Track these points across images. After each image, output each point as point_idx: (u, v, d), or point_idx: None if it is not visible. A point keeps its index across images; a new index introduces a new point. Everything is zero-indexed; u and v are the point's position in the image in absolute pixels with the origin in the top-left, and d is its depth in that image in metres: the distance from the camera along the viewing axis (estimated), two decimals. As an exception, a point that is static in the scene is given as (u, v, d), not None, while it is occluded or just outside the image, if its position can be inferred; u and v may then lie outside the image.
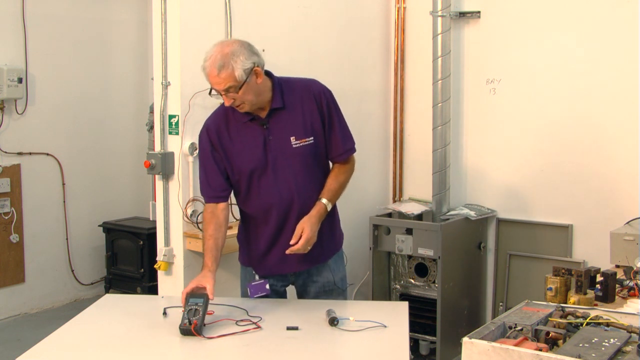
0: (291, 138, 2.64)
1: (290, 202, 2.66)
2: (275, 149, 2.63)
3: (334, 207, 2.82)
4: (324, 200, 2.66)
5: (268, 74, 2.66)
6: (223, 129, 2.69)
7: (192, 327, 2.29)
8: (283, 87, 2.66)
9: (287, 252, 2.59)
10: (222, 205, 2.74)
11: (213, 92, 2.61)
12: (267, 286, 2.72)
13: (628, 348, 1.84)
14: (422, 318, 4.20)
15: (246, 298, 2.80)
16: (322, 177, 2.72)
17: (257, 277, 2.78)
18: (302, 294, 2.85)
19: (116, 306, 2.76)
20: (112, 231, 5.34)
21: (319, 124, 2.67)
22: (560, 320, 2.00)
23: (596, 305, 2.45)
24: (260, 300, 2.73)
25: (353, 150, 2.77)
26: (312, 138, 2.65)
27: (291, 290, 2.93)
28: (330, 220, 2.78)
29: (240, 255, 2.88)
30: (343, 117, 2.75)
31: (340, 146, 2.71)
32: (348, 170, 2.77)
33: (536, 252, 4.36)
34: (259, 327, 2.40)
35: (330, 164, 2.81)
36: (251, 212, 2.75)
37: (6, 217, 5.04)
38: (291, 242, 2.58)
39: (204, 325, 2.36)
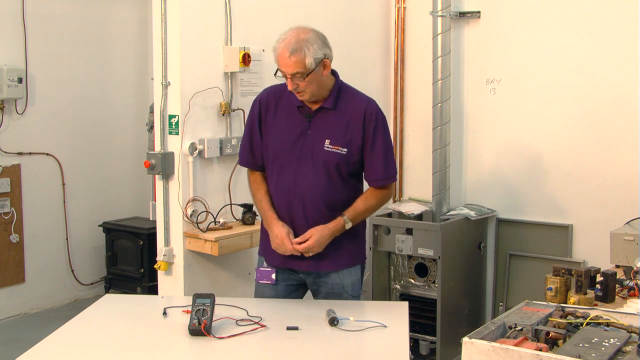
0: (326, 140, 2.64)
1: (301, 197, 2.66)
2: (308, 144, 2.65)
3: (362, 227, 2.83)
4: (345, 217, 2.66)
5: (334, 73, 2.71)
6: (272, 105, 2.73)
7: (202, 327, 2.30)
8: (341, 92, 2.69)
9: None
10: (262, 173, 2.81)
11: (278, 74, 2.61)
12: (274, 276, 2.74)
13: (628, 348, 1.85)
14: (422, 318, 4.20)
15: (246, 298, 2.80)
16: (343, 191, 2.70)
17: (265, 264, 2.80)
18: (314, 294, 2.86)
19: (116, 306, 2.76)
20: (112, 231, 5.34)
21: (358, 143, 2.66)
22: (560, 320, 2.00)
23: (596, 305, 2.45)
24: (260, 300, 2.74)
25: (392, 179, 2.75)
26: (345, 150, 2.65)
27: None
28: (351, 236, 2.76)
29: (259, 246, 2.89)
30: (390, 144, 2.74)
31: (380, 171, 2.70)
32: (381, 196, 2.76)
33: (536, 252, 4.36)
34: (263, 326, 2.40)
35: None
36: (273, 197, 2.76)
37: (6, 217, 5.04)
38: (296, 240, 2.62)
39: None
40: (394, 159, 2.76)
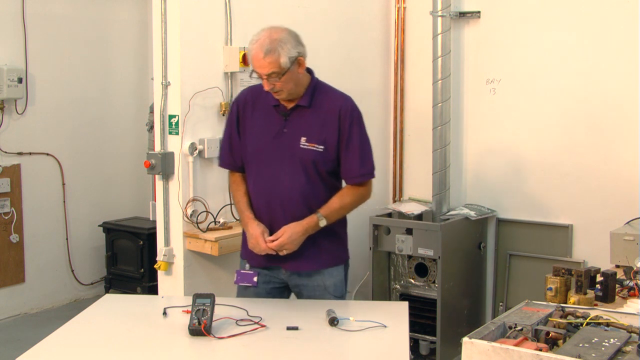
0: (302, 138, 2.65)
1: (280, 197, 2.67)
2: (285, 142, 2.66)
3: (341, 227, 2.82)
4: (319, 214, 2.64)
5: (309, 71, 2.71)
6: (250, 105, 2.74)
7: (202, 327, 2.30)
8: (316, 89, 2.70)
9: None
10: (242, 174, 2.81)
11: (254, 75, 2.62)
12: (255, 279, 2.73)
13: (628, 348, 1.85)
14: (422, 318, 4.20)
15: (246, 298, 2.80)
16: (322, 190, 2.69)
17: (247, 266, 2.80)
18: (297, 296, 2.86)
19: (116, 306, 2.76)
20: (112, 231, 5.34)
21: (334, 140, 2.66)
22: (560, 320, 2.00)
23: (596, 305, 2.45)
24: (260, 300, 2.74)
25: (369, 175, 2.73)
26: (322, 147, 2.65)
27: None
28: (330, 236, 2.75)
29: (241, 249, 2.88)
30: (367, 141, 2.73)
31: (356, 169, 2.69)
32: (358, 195, 2.74)
33: (536, 252, 4.36)
34: (263, 326, 2.40)
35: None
36: (252, 198, 2.77)
37: (6, 217, 5.04)
38: (269, 239, 2.62)
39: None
40: (371, 155, 2.74)
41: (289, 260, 2.71)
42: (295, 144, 2.65)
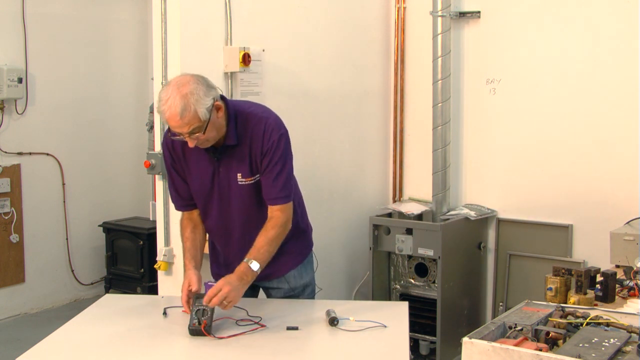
0: (238, 175, 2.60)
1: (231, 232, 2.69)
2: (222, 182, 2.63)
3: (300, 221, 2.80)
4: (246, 259, 2.50)
5: (223, 98, 2.57)
6: (179, 149, 2.65)
7: (202, 327, 2.30)
8: (237, 120, 2.57)
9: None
10: (196, 211, 2.77)
11: (174, 131, 2.48)
12: None
13: (628, 348, 1.85)
14: (422, 318, 4.20)
15: (246, 298, 2.80)
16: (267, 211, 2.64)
17: (213, 280, 2.81)
18: (267, 296, 2.88)
19: (116, 306, 2.76)
20: (112, 231, 5.34)
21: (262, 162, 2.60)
22: (560, 320, 2.00)
23: (596, 305, 2.45)
24: (260, 300, 2.75)
25: (283, 200, 2.59)
26: (257, 176, 2.60)
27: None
28: (293, 235, 2.73)
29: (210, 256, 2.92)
30: (287, 164, 2.60)
31: (275, 191, 2.58)
32: (279, 225, 2.58)
33: (536, 252, 4.35)
34: (263, 326, 2.40)
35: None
36: (208, 233, 2.81)
37: (6, 217, 5.04)
38: (204, 302, 2.38)
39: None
40: (289, 179, 2.62)
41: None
42: (232, 182, 2.61)
